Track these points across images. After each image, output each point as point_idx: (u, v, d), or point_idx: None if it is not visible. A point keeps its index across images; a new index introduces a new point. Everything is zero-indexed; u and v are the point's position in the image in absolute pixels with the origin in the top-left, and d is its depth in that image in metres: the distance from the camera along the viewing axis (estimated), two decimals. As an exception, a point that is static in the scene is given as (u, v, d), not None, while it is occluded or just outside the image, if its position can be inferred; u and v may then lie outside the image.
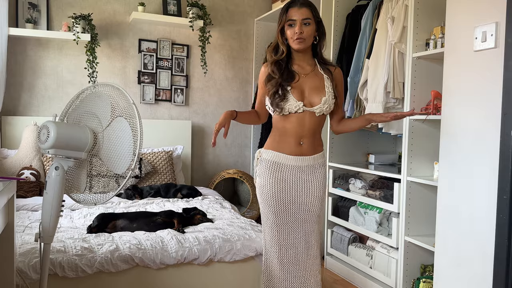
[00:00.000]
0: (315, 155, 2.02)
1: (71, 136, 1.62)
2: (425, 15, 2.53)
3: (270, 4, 4.36)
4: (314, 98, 1.94)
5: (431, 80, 2.55)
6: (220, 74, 4.27)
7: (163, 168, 3.65)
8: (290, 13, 1.91)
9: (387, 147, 3.47)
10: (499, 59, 1.76)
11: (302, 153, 1.99)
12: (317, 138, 2.03)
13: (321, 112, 1.95)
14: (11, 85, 3.56)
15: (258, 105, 2.10)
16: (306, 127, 1.96)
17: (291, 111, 1.93)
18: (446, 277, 2.04)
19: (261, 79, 2.03)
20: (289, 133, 1.97)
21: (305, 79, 1.97)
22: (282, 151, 1.98)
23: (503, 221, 1.71)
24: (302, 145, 1.98)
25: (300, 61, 2.00)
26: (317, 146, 2.03)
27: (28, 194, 3.05)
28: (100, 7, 3.81)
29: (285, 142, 1.99)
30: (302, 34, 1.89)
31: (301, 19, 1.89)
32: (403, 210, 2.60)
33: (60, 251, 2.00)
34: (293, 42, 1.92)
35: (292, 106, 1.92)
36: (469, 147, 1.92)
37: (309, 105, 1.94)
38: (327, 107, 1.95)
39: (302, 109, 1.92)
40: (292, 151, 1.98)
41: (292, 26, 1.91)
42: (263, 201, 2.02)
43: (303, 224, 2.01)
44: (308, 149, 1.99)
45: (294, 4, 1.92)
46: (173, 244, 2.16)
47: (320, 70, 2.00)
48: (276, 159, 1.99)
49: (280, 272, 2.01)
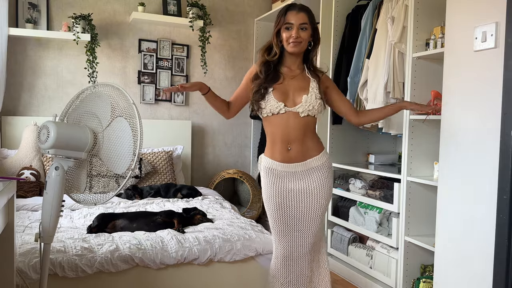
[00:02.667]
0: (307, 161, 1.98)
1: (71, 136, 1.62)
2: (425, 15, 2.53)
3: (270, 4, 4.36)
4: (297, 98, 1.95)
5: (431, 80, 2.55)
6: (220, 74, 4.27)
7: (163, 168, 3.65)
8: (288, 16, 1.93)
9: (387, 147, 3.47)
10: (499, 59, 1.76)
11: (290, 159, 1.98)
12: (309, 141, 1.99)
13: (304, 112, 1.93)
14: (11, 85, 3.56)
15: (233, 98, 2.10)
16: (291, 130, 1.95)
17: (273, 111, 1.94)
18: (446, 277, 2.04)
19: (247, 76, 2.06)
20: (277, 138, 1.98)
21: (291, 81, 1.98)
22: (274, 158, 2.00)
23: (503, 221, 1.71)
24: (290, 150, 1.97)
25: (290, 64, 2.02)
26: (310, 151, 1.99)
27: (28, 194, 3.05)
28: (100, 7, 3.81)
29: (275, 148, 2.00)
30: (299, 38, 1.92)
31: (299, 23, 1.92)
32: (403, 210, 2.60)
33: (60, 251, 2.00)
34: (288, 45, 1.94)
35: (273, 107, 1.93)
36: (469, 147, 1.91)
37: (293, 105, 1.95)
38: (309, 106, 1.93)
39: (284, 109, 1.93)
40: (282, 158, 1.98)
41: (289, 30, 1.93)
42: (266, 206, 2.06)
43: (303, 227, 2.02)
44: (296, 155, 1.97)
45: (292, 8, 1.95)
46: (173, 244, 2.16)
47: (307, 74, 2.01)
48: (270, 165, 2.01)
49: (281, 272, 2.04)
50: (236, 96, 2.09)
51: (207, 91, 1.99)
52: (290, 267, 2.04)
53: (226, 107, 2.08)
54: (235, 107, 2.09)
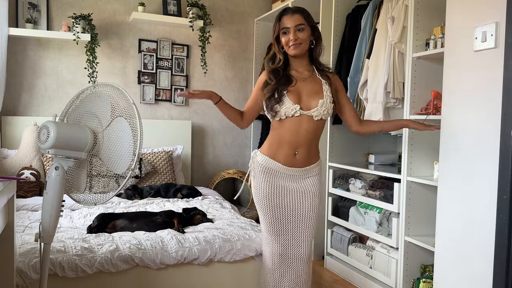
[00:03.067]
0: (308, 167, 2.02)
1: (71, 136, 1.62)
2: (425, 15, 2.53)
3: (270, 4, 4.36)
4: (311, 102, 1.94)
5: (431, 80, 2.55)
6: (220, 74, 4.27)
7: (163, 168, 3.65)
8: (283, 21, 1.94)
9: (387, 147, 3.47)
10: (499, 59, 1.76)
11: (295, 164, 1.99)
12: (314, 148, 2.03)
13: (319, 116, 1.94)
14: (11, 85, 3.56)
15: (246, 108, 2.09)
16: (302, 135, 1.95)
17: (287, 114, 1.93)
18: (446, 277, 2.04)
19: (258, 85, 2.04)
20: (285, 142, 1.97)
21: (302, 84, 1.97)
22: (277, 159, 1.99)
23: (503, 221, 1.71)
24: (296, 155, 1.98)
25: (297, 67, 2.02)
26: (312, 157, 2.03)
27: (28, 194, 3.06)
28: (100, 7, 3.81)
29: (280, 151, 1.99)
30: (298, 40, 1.92)
31: (294, 25, 1.92)
32: (403, 210, 2.60)
33: (60, 251, 2.00)
34: (289, 48, 1.94)
35: (289, 109, 1.92)
36: (469, 147, 1.91)
37: (306, 108, 1.94)
38: (324, 110, 1.94)
39: (299, 112, 1.92)
40: (285, 161, 1.99)
41: (286, 34, 1.94)
42: (257, 202, 2.05)
43: (295, 228, 2.03)
44: (302, 161, 2.00)
45: (286, 12, 1.95)
46: (173, 244, 2.16)
47: (318, 76, 2.01)
48: (268, 165, 2.00)
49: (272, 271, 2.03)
50: (248, 106, 2.08)
51: (218, 100, 1.97)
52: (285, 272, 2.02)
53: (240, 117, 2.07)
54: (248, 117, 2.08)
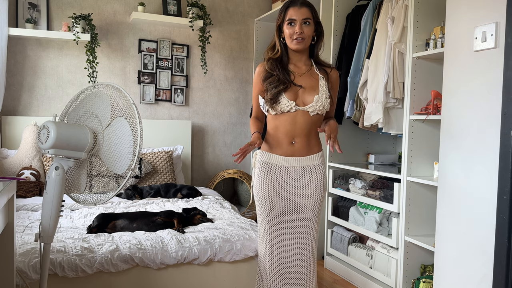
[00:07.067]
0: (310, 156, 1.98)
1: (71, 136, 1.62)
2: (425, 15, 2.53)
3: (270, 4, 4.36)
4: (307, 97, 1.92)
5: (431, 80, 2.55)
6: (220, 74, 4.27)
7: (163, 168, 3.65)
8: (290, 12, 1.90)
9: (387, 147, 3.47)
10: (499, 59, 1.76)
11: (294, 153, 1.96)
12: (313, 138, 1.99)
13: (314, 111, 1.92)
14: (11, 85, 3.56)
15: (255, 112, 2.07)
16: (298, 126, 1.93)
17: (283, 110, 1.92)
18: (446, 277, 2.04)
19: (256, 80, 2.01)
20: (280, 131, 1.95)
21: (299, 79, 1.95)
22: (275, 152, 1.97)
23: (503, 221, 1.71)
24: (294, 144, 1.95)
25: (296, 61, 1.99)
26: (313, 147, 1.99)
27: (28, 194, 3.06)
28: (100, 7, 3.81)
29: (277, 142, 1.97)
30: (302, 34, 1.89)
31: (302, 18, 1.88)
32: (403, 210, 2.60)
33: (60, 251, 2.00)
34: (292, 42, 1.91)
35: (284, 106, 1.91)
36: (469, 147, 1.91)
37: (302, 104, 1.92)
38: (320, 106, 1.92)
39: (295, 108, 1.91)
40: (284, 152, 1.96)
41: (292, 25, 1.90)
42: (257, 201, 2.02)
43: (297, 226, 1.98)
44: (301, 149, 1.96)
45: (294, 3, 1.91)
46: (173, 244, 2.16)
47: (316, 71, 1.98)
48: (269, 160, 1.98)
49: (270, 272, 1.99)
50: (256, 109, 2.07)
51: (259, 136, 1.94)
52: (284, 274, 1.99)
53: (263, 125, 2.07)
54: (263, 119, 2.08)
